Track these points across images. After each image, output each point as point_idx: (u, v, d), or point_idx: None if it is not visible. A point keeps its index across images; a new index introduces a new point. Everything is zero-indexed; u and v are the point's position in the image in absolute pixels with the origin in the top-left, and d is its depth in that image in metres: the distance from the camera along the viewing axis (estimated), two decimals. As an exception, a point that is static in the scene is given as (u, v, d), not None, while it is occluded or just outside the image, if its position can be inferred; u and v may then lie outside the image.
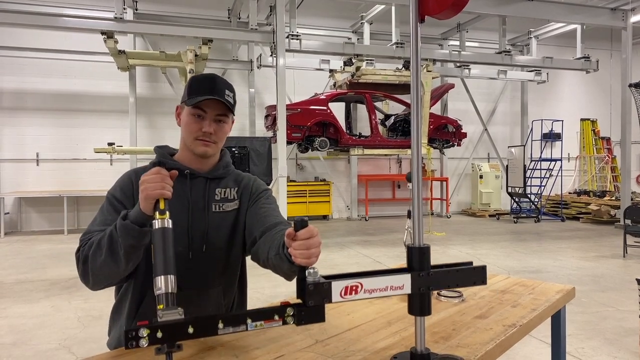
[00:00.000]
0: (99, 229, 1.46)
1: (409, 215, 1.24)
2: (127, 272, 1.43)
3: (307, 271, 1.10)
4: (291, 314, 1.10)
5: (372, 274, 1.15)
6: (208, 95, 1.49)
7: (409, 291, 1.15)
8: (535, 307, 1.69)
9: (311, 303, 1.08)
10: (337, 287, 1.09)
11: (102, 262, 1.36)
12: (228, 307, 1.67)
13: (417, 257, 1.18)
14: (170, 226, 1.19)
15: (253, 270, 1.77)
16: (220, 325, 1.04)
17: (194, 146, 1.55)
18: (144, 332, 0.96)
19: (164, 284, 1.10)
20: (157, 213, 1.22)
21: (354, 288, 1.10)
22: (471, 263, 1.26)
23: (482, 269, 1.25)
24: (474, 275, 1.24)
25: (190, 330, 1.02)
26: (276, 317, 1.09)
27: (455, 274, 1.21)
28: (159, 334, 0.98)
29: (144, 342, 0.95)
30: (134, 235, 1.32)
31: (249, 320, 1.06)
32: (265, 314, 1.09)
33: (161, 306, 1.06)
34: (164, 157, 1.61)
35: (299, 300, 1.11)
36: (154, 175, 1.27)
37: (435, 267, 1.19)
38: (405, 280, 1.15)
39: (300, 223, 1.14)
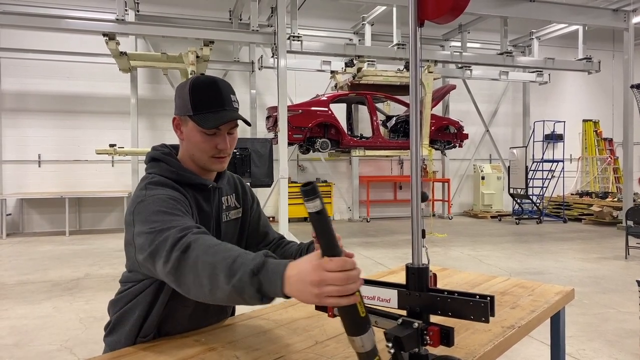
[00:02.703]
0: (178, 224, 1.19)
1: (423, 235, 1.24)
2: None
3: None
4: None
5: (364, 282, 1.19)
6: (220, 110, 1.39)
7: (395, 306, 1.19)
8: (534, 308, 1.70)
9: None
10: None
11: (198, 275, 1.10)
12: (230, 309, 1.69)
13: (414, 277, 1.18)
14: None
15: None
16: None
17: (210, 164, 1.46)
18: None
19: (368, 338, 0.99)
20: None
21: None
22: (487, 297, 1.09)
23: (485, 305, 1.07)
24: (473, 309, 1.08)
25: None
26: None
27: (446, 302, 1.12)
28: None
29: None
30: (245, 298, 1.04)
31: None
32: None
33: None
34: (180, 169, 1.44)
35: None
36: (343, 273, 0.93)
37: (433, 291, 1.17)
38: (392, 295, 1.19)
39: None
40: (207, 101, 1.39)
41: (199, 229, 1.21)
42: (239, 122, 1.46)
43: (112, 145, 9.24)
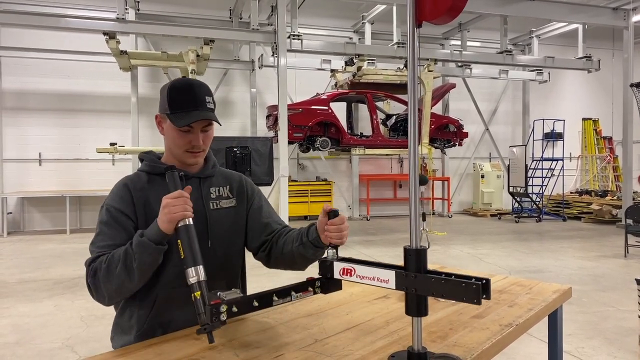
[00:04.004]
0: (105, 244, 1.47)
1: (423, 217, 1.29)
2: (138, 287, 1.47)
3: (328, 251, 1.43)
4: (318, 285, 1.44)
5: (365, 263, 1.35)
6: (192, 109, 1.52)
7: (393, 287, 1.24)
8: (532, 306, 1.71)
9: (320, 275, 1.43)
10: (337, 266, 1.39)
11: (116, 279, 1.39)
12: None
13: (411, 258, 1.20)
14: (192, 223, 1.36)
15: (254, 270, 1.80)
16: (275, 298, 1.33)
17: (184, 158, 1.59)
18: (223, 308, 1.20)
19: (195, 273, 1.26)
20: None
21: (349, 271, 1.36)
22: (482, 279, 1.11)
23: (477, 287, 1.09)
24: (466, 291, 1.11)
25: (256, 303, 1.29)
26: (309, 289, 1.41)
27: (440, 283, 1.14)
28: (235, 309, 1.23)
29: (223, 316, 1.20)
30: (151, 253, 1.38)
31: (293, 293, 1.37)
32: (301, 287, 1.40)
33: (198, 293, 1.22)
34: (153, 162, 1.62)
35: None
36: (176, 198, 1.35)
37: (430, 272, 1.19)
38: (390, 275, 1.24)
39: (334, 212, 1.47)
40: (182, 101, 1.54)
41: (107, 250, 1.46)
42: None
43: (112, 144, 9.26)
